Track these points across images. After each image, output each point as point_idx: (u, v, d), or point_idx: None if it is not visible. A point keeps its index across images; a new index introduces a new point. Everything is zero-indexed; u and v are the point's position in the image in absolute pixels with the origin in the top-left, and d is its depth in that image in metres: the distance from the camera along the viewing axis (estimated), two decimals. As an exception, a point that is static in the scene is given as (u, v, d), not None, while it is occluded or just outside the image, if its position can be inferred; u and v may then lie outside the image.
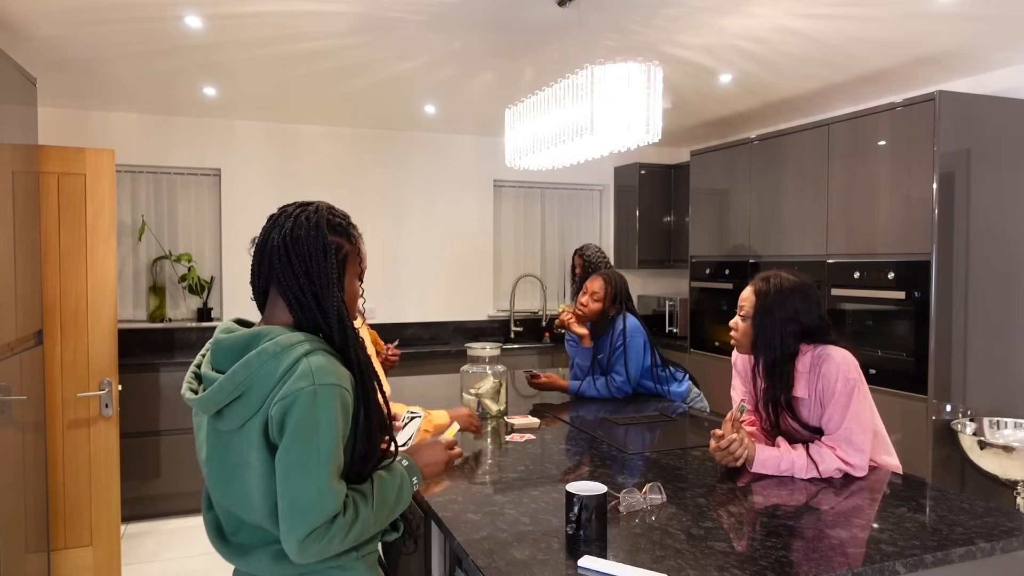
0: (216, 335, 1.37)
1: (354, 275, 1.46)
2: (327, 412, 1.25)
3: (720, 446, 2.04)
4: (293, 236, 1.36)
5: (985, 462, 3.10)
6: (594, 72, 2.32)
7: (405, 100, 4.44)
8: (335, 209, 1.45)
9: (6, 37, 3.18)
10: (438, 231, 5.57)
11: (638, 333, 3.14)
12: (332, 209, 1.44)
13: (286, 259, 1.35)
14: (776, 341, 2.05)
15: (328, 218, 1.41)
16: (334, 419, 1.26)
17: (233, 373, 1.26)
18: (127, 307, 4.85)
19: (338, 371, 1.30)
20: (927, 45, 3.32)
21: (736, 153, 4.61)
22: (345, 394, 1.29)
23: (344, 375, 1.31)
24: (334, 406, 1.26)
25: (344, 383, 1.30)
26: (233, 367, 1.26)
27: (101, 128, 4.71)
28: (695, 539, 1.56)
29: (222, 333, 1.36)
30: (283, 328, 1.34)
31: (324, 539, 1.25)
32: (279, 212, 1.43)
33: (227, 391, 1.26)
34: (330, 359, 1.30)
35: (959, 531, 1.60)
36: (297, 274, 1.35)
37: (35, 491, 2.81)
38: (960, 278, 3.35)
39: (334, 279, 1.36)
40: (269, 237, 1.38)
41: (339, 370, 1.30)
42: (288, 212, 1.41)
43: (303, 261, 1.35)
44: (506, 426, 2.60)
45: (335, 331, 1.35)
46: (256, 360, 1.26)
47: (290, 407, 1.23)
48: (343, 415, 1.28)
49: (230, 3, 2.81)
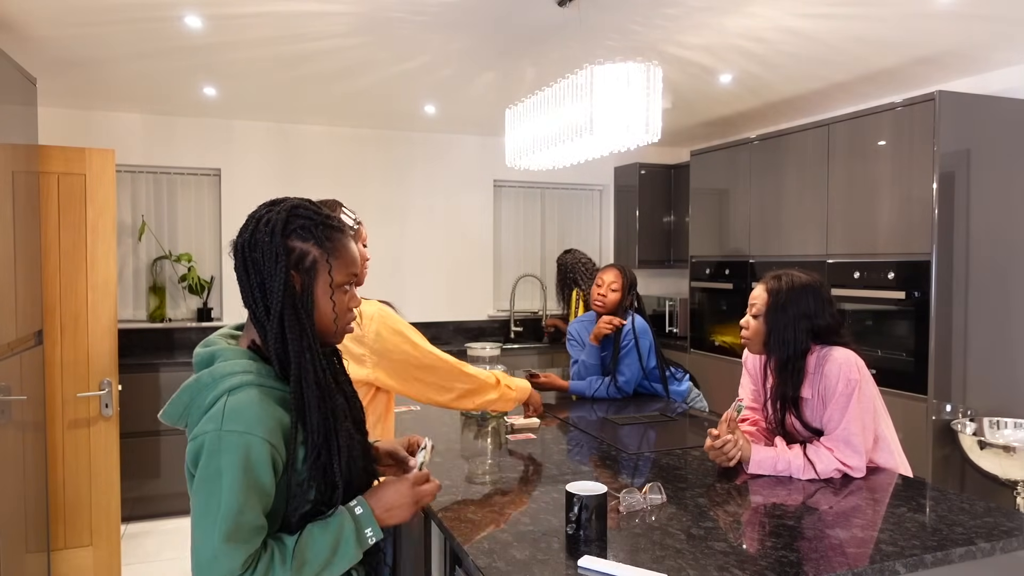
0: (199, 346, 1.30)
1: (327, 287, 1.23)
2: (230, 463, 1.10)
3: (714, 445, 2.04)
4: (251, 243, 1.21)
5: (985, 462, 3.10)
6: (594, 72, 2.32)
7: (405, 100, 4.44)
8: (309, 206, 1.25)
9: (6, 37, 3.18)
10: (438, 231, 5.57)
11: (645, 335, 3.15)
12: (303, 207, 1.24)
13: (243, 270, 1.21)
14: (789, 337, 2.05)
15: (289, 219, 1.22)
16: (237, 472, 1.10)
17: (177, 397, 1.19)
18: (127, 307, 4.85)
19: (259, 415, 1.13)
20: (927, 45, 3.32)
21: (736, 153, 4.61)
22: (256, 444, 1.12)
23: (268, 421, 1.14)
24: (237, 457, 1.11)
25: (257, 431, 1.12)
26: (177, 393, 1.19)
27: (101, 128, 4.71)
28: (695, 539, 1.56)
29: (201, 346, 1.27)
30: (237, 351, 1.21)
31: None
32: (251, 218, 1.27)
33: (173, 417, 1.19)
34: (261, 399, 1.15)
35: (959, 531, 1.60)
36: (253, 287, 1.20)
37: (35, 491, 2.81)
38: (960, 278, 3.35)
39: (279, 297, 1.18)
40: (234, 244, 1.24)
41: (262, 414, 1.14)
42: (254, 213, 1.25)
43: (258, 272, 1.20)
44: (506, 426, 2.60)
45: (276, 358, 1.20)
46: (195, 387, 1.17)
47: (199, 450, 1.13)
48: (253, 468, 1.12)
49: (230, 3, 2.81)
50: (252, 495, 1.11)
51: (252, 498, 1.11)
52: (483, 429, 2.60)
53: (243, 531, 1.10)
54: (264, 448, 1.13)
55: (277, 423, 1.16)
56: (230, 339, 1.30)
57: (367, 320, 1.94)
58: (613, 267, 3.28)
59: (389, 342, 1.94)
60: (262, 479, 1.13)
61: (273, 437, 1.14)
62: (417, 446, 1.53)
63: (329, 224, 1.25)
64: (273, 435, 1.15)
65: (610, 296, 3.20)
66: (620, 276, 3.22)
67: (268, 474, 1.14)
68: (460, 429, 2.60)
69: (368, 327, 1.93)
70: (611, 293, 3.20)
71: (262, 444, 1.13)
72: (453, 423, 2.68)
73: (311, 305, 1.21)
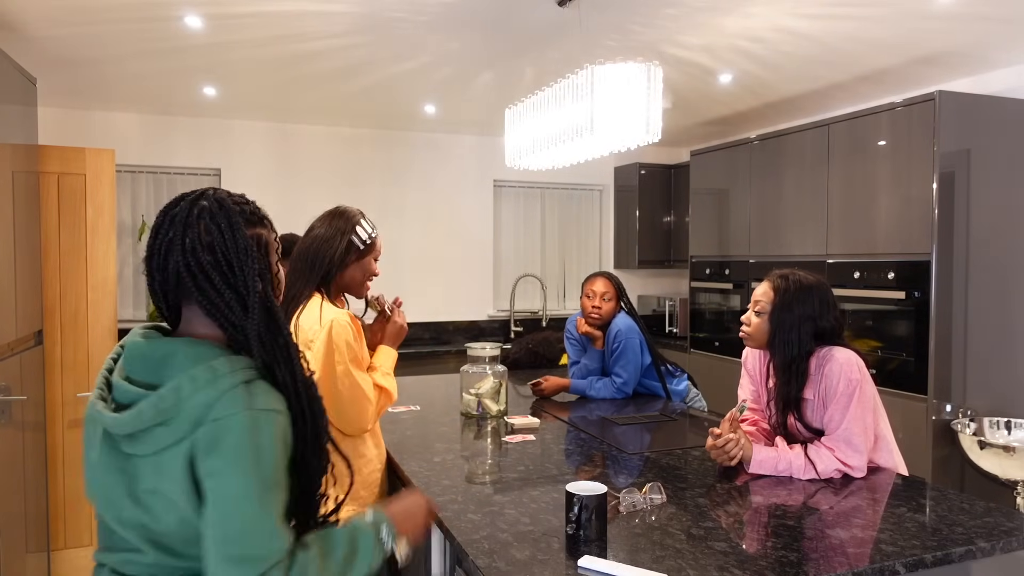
0: (131, 338, 1.19)
1: (277, 265, 1.27)
2: (268, 439, 1.09)
3: (716, 444, 2.04)
4: (204, 244, 1.15)
5: (985, 462, 3.10)
6: (594, 72, 2.32)
7: (405, 100, 4.44)
8: (233, 194, 1.23)
9: (6, 37, 3.18)
10: (438, 231, 5.57)
11: (633, 333, 3.12)
12: (232, 196, 1.22)
13: (202, 274, 1.14)
14: (794, 338, 2.05)
15: (237, 207, 1.19)
16: (277, 448, 1.10)
17: (159, 398, 1.08)
18: (127, 307, 4.85)
19: (277, 398, 1.15)
20: (927, 45, 3.32)
21: (736, 153, 4.61)
22: (284, 422, 1.13)
23: (283, 405, 1.15)
24: (274, 434, 1.10)
25: (283, 410, 1.14)
26: (160, 392, 1.09)
27: (101, 128, 4.71)
28: (695, 539, 1.56)
29: (139, 337, 1.18)
30: (214, 346, 1.16)
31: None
32: (165, 217, 1.18)
33: (148, 417, 1.08)
34: (271, 389, 1.15)
35: (959, 531, 1.60)
36: (220, 289, 1.15)
37: (35, 491, 2.81)
38: (960, 278, 3.35)
39: (257, 287, 1.16)
40: (170, 250, 1.15)
41: (279, 399, 1.15)
42: (179, 215, 1.17)
43: (223, 272, 1.15)
44: (506, 426, 2.60)
45: (266, 353, 1.17)
46: (189, 386, 1.09)
47: (217, 435, 1.06)
48: (286, 445, 1.13)
49: (230, 3, 2.81)
50: (286, 471, 1.13)
51: (288, 474, 1.13)
52: (483, 429, 2.60)
53: (285, 507, 1.12)
54: (290, 426, 1.15)
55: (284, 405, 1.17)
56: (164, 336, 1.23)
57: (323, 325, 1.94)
58: (601, 276, 3.20)
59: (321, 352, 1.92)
60: (286, 456, 1.14)
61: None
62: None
63: (257, 205, 1.27)
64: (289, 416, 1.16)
65: (605, 307, 3.14)
66: (610, 284, 3.17)
67: (288, 456, 1.14)
68: (460, 429, 2.60)
69: (319, 333, 1.93)
70: (605, 304, 3.14)
71: (287, 422, 1.14)
72: (453, 423, 2.68)
73: (273, 283, 1.23)
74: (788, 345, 2.06)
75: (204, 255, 1.14)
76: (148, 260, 1.19)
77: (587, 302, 3.18)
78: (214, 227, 1.16)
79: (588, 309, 3.17)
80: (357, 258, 2.11)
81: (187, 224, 1.16)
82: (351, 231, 2.09)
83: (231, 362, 1.13)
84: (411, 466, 2.11)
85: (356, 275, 2.13)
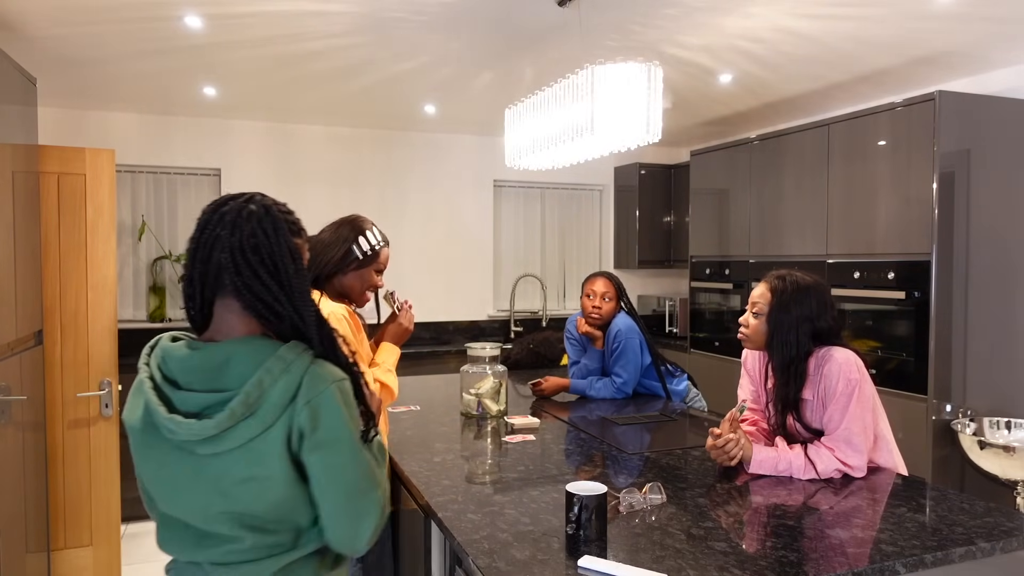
0: (173, 351, 1.25)
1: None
2: (350, 406, 1.26)
3: (716, 444, 2.04)
4: (250, 244, 1.24)
5: (985, 462, 3.10)
6: (594, 72, 2.32)
7: (405, 100, 4.44)
8: (278, 202, 1.32)
9: (6, 37, 3.18)
10: (438, 231, 5.57)
11: (633, 333, 3.12)
12: (278, 204, 1.32)
13: (250, 272, 1.23)
14: (792, 339, 2.05)
15: (282, 215, 1.30)
16: (354, 405, 1.28)
17: (246, 395, 1.18)
18: (127, 307, 4.85)
19: (336, 368, 1.29)
20: (927, 45, 3.32)
21: (736, 153, 4.61)
22: (348, 383, 1.29)
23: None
24: (351, 399, 1.27)
25: (343, 373, 1.29)
26: (245, 389, 1.18)
27: (101, 128, 4.71)
28: (695, 539, 1.56)
29: (185, 349, 1.25)
30: (264, 339, 1.26)
31: (381, 516, 1.27)
32: (214, 214, 1.27)
33: (239, 415, 1.18)
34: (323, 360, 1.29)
35: (959, 531, 1.60)
36: (268, 284, 1.24)
37: (35, 491, 2.81)
38: (960, 278, 3.35)
39: (307, 285, 1.28)
40: (215, 245, 1.25)
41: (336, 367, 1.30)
42: (229, 214, 1.26)
43: (270, 270, 1.25)
44: (506, 426, 2.60)
45: (317, 339, 1.27)
46: (268, 378, 1.20)
47: (318, 408, 1.21)
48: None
49: (230, 3, 2.81)
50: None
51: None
52: (483, 429, 2.60)
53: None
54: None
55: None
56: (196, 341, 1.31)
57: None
58: (601, 276, 3.20)
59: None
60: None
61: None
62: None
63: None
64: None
65: (606, 307, 3.14)
66: (610, 284, 3.16)
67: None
68: (460, 429, 2.60)
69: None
70: (606, 304, 3.14)
71: (350, 384, 1.30)
72: (453, 423, 2.68)
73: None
74: (786, 346, 2.06)
75: (250, 254, 1.24)
76: (192, 252, 1.27)
77: (587, 302, 3.18)
78: (260, 231, 1.25)
79: (588, 309, 3.17)
80: (357, 267, 2.14)
81: (235, 224, 1.25)
82: (353, 240, 2.13)
83: (291, 349, 1.24)
84: (411, 466, 2.11)
85: (355, 284, 2.16)
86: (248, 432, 1.19)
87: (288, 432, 1.20)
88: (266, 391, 1.19)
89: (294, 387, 1.20)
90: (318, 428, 1.20)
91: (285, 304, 1.25)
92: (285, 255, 1.26)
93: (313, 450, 1.21)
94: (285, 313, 1.26)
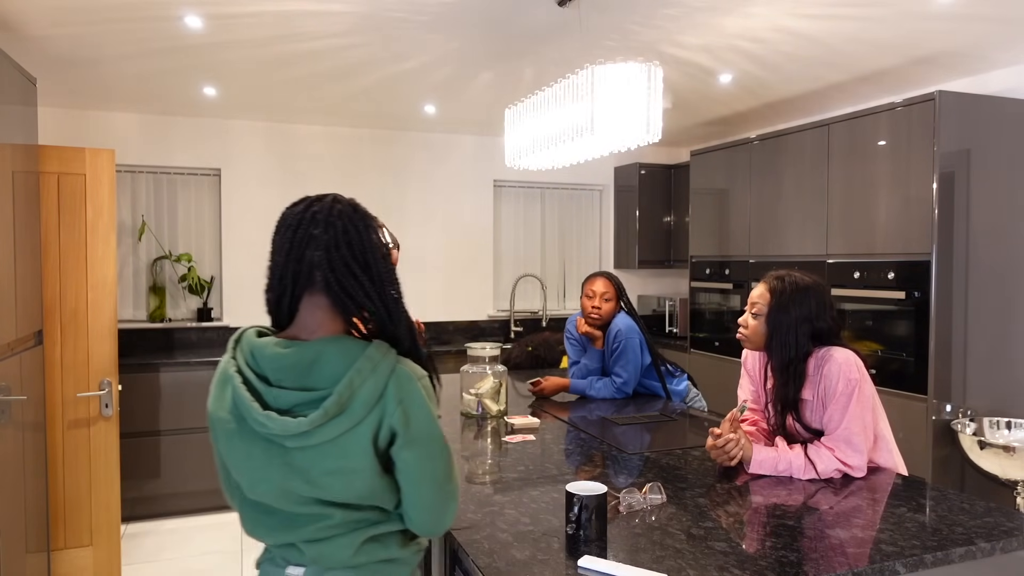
0: (268, 348, 1.28)
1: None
2: (433, 401, 1.32)
3: (716, 444, 2.04)
4: (343, 241, 1.29)
5: (985, 462, 3.10)
6: (594, 72, 2.32)
7: (405, 100, 4.44)
8: (356, 203, 1.38)
9: (6, 37, 3.18)
10: (438, 231, 5.57)
11: (633, 333, 3.12)
12: (359, 205, 1.38)
13: (344, 268, 1.28)
14: (791, 340, 2.05)
15: (370, 215, 1.36)
16: (435, 405, 1.33)
17: (338, 395, 1.22)
18: (127, 307, 4.85)
19: (418, 365, 1.35)
20: (927, 45, 3.32)
21: (736, 153, 4.62)
22: (429, 383, 1.35)
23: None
24: (432, 394, 1.33)
25: (424, 371, 1.35)
26: (337, 389, 1.23)
27: (101, 128, 4.71)
28: (695, 539, 1.56)
29: (276, 347, 1.28)
30: (351, 339, 1.30)
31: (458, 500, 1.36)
32: (305, 213, 1.31)
33: (332, 412, 1.23)
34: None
35: (959, 531, 1.60)
36: (362, 281, 1.29)
37: (35, 491, 2.81)
38: (960, 278, 3.35)
39: (395, 281, 1.35)
40: (308, 243, 1.28)
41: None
42: (320, 213, 1.30)
43: (361, 265, 1.30)
44: (506, 426, 2.60)
45: (406, 337, 1.34)
46: (358, 378, 1.24)
47: (410, 408, 1.26)
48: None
49: (230, 3, 2.81)
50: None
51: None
52: (483, 429, 2.60)
53: None
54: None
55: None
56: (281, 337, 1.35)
57: None
58: (601, 276, 3.20)
59: None
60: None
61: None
62: None
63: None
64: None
65: (605, 307, 3.14)
66: (610, 284, 3.16)
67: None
68: (460, 429, 2.60)
69: None
70: (605, 304, 3.14)
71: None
72: (453, 423, 2.68)
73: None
74: (785, 347, 2.06)
75: (344, 249, 1.28)
76: (286, 252, 1.29)
77: (587, 302, 3.18)
78: (352, 227, 1.31)
79: (588, 309, 3.17)
80: None
81: (328, 222, 1.29)
82: None
83: (377, 348, 1.28)
84: (411, 466, 2.11)
85: None
86: (338, 429, 1.24)
87: (376, 429, 1.25)
88: (356, 391, 1.24)
89: (381, 386, 1.25)
90: (410, 426, 1.26)
91: (375, 299, 1.30)
92: (376, 250, 1.32)
93: (405, 447, 1.27)
94: (373, 308, 1.31)
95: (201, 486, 4.41)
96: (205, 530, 4.20)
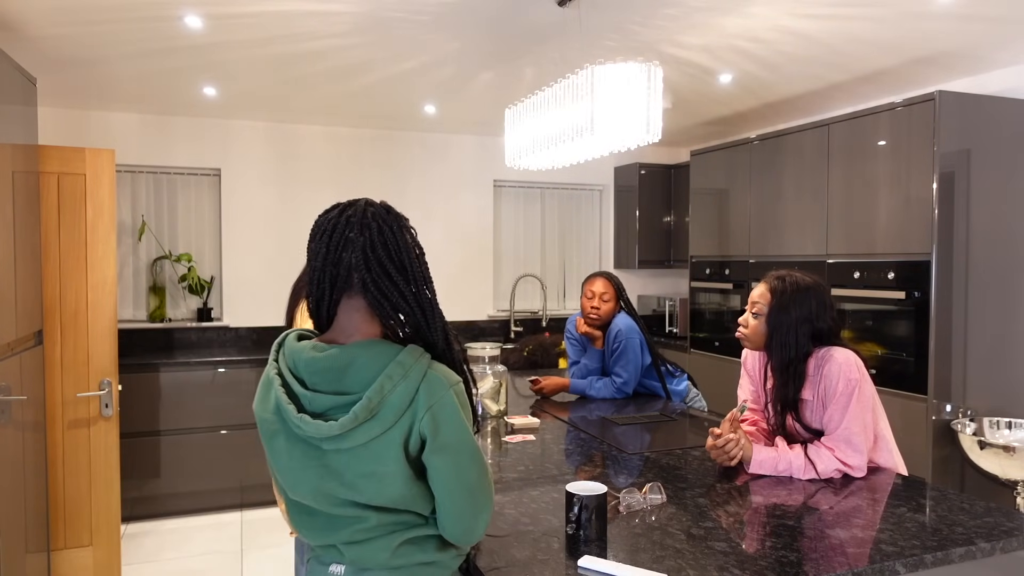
0: (303, 354, 1.30)
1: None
2: (466, 407, 1.32)
3: (716, 444, 2.04)
4: (379, 243, 1.30)
5: (985, 462, 3.10)
6: (594, 72, 2.32)
7: (405, 100, 4.44)
8: (388, 205, 1.40)
9: (6, 37, 3.18)
10: (438, 231, 5.57)
11: (634, 333, 3.13)
12: (391, 208, 1.39)
13: (380, 270, 1.30)
14: (791, 340, 2.05)
15: (403, 217, 1.37)
16: (469, 411, 1.33)
17: (368, 400, 1.24)
18: (127, 307, 4.85)
19: (451, 370, 1.35)
20: (927, 45, 3.32)
21: (736, 153, 4.62)
22: (462, 385, 1.35)
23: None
24: (466, 401, 1.33)
25: (458, 376, 1.35)
26: (367, 394, 1.24)
27: (101, 128, 4.71)
28: (695, 539, 1.56)
29: (313, 352, 1.30)
30: (385, 343, 1.30)
31: (492, 508, 1.35)
32: (340, 217, 1.33)
33: (362, 417, 1.24)
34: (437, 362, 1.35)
35: (959, 531, 1.60)
36: (397, 282, 1.31)
37: (35, 491, 2.81)
38: (960, 278, 3.35)
39: (431, 283, 1.35)
40: (345, 246, 1.30)
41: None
42: (355, 216, 1.32)
43: (397, 266, 1.31)
44: (506, 426, 2.60)
45: (441, 339, 1.34)
46: (388, 383, 1.26)
47: (439, 414, 1.26)
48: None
49: (230, 3, 2.81)
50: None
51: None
52: (483, 429, 2.60)
53: None
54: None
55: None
56: (318, 340, 1.36)
57: None
58: (600, 276, 3.20)
59: None
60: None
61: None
62: None
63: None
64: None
65: (604, 308, 3.14)
66: (609, 284, 3.16)
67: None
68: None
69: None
70: (604, 304, 3.14)
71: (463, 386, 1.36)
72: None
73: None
74: (785, 347, 2.06)
75: (380, 251, 1.30)
76: (324, 257, 1.31)
77: (586, 302, 3.18)
78: (387, 228, 1.32)
79: (587, 309, 3.17)
80: None
81: (363, 225, 1.31)
82: None
83: (409, 353, 1.29)
84: (411, 466, 2.11)
85: None
86: (369, 433, 1.25)
87: (407, 434, 1.26)
88: (386, 396, 1.25)
89: (412, 391, 1.26)
90: (439, 433, 1.26)
91: (410, 300, 1.32)
92: (410, 250, 1.33)
93: (435, 453, 1.27)
94: (409, 310, 1.32)
95: (201, 486, 4.42)
96: (205, 530, 4.20)
